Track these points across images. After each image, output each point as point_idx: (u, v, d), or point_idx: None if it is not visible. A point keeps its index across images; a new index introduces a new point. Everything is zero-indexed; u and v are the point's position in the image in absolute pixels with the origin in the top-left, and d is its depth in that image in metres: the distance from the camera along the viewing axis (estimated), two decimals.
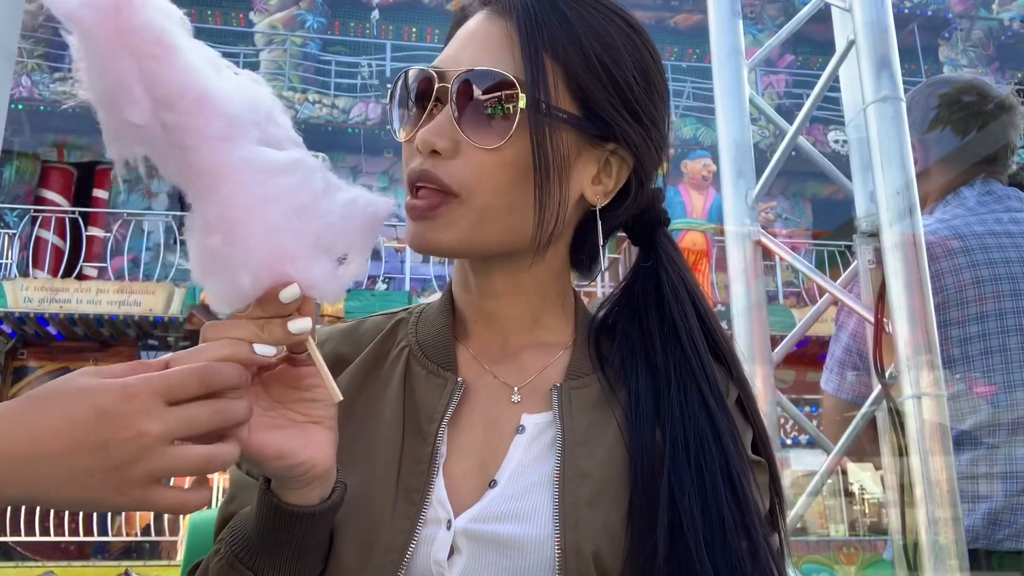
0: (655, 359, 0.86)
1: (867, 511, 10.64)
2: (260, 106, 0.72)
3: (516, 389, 0.88)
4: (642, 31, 0.88)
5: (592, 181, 0.87)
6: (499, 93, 0.80)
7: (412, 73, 0.86)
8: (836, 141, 12.78)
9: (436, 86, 0.83)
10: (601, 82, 0.82)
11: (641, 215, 0.93)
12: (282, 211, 0.69)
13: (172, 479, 0.67)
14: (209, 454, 0.64)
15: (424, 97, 0.84)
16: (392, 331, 0.95)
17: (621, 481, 0.81)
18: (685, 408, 0.83)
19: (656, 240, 0.93)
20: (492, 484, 0.82)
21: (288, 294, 0.69)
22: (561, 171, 0.82)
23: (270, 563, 0.77)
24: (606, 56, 0.83)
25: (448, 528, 0.80)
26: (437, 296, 0.96)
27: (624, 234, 0.97)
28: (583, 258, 0.95)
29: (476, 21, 0.86)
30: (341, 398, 0.74)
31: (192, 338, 10.24)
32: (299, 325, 0.70)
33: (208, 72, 0.69)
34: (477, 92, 0.80)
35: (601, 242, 0.88)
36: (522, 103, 0.79)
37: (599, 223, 0.88)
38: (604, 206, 0.88)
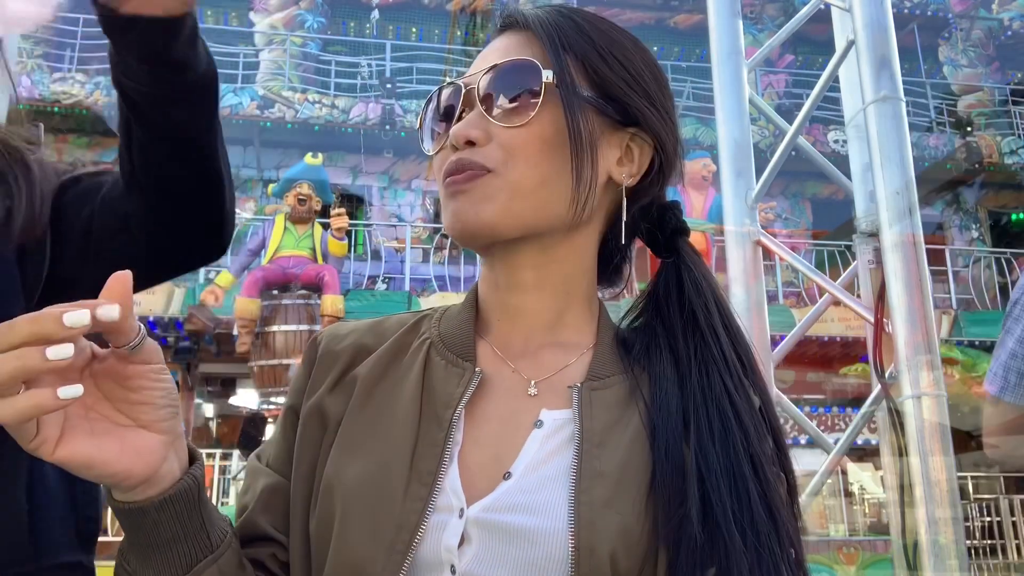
0: (677, 348, 0.91)
1: (867, 511, 10.63)
2: None
3: (533, 383, 0.90)
4: (645, 48, 0.96)
5: (617, 163, 0.92)
6: (524, 75, 0.87)
7: (442, 90, 0.93)
8: (836, 141, 12.78)
9: (463, 92, 0.88)
10: (614, 70, 0.90)
11: (660, 224, 0.98)
12: None
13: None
14: None
15: (452, 107, 0.90)
16: (416, 325, 0.98)
17: (639, 482, 0.82)
18: (708, 393, 0.86)
19: (678, 248, 0.99)
20: (507, 476, 0.83)
21: (74, 319, 0.63)
22: (592, 144, 0.87)
23: (136, 561, 0.77)
24: (616, 51, 0.91)
25: (460, 516, 0.81)
26: (436, 296, 0.97)
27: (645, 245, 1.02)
28: (609, 258, 0.99)
29: (497, 41, 0.94)
30: (117, 318, 0.65)
31: (192, 338, 10.24)
32: (73, 318, 0.62)
33: None
34: (503, 81, 0.87)
35: (624, 218, 0.92)
36: (547, 78, 0.86)
37: (624, 201, 0.92)
38: (632, 189, 0.93)
